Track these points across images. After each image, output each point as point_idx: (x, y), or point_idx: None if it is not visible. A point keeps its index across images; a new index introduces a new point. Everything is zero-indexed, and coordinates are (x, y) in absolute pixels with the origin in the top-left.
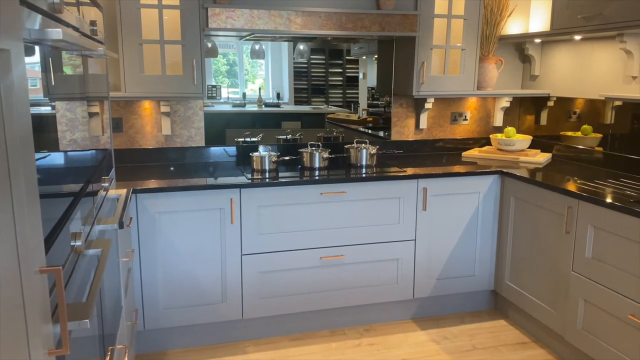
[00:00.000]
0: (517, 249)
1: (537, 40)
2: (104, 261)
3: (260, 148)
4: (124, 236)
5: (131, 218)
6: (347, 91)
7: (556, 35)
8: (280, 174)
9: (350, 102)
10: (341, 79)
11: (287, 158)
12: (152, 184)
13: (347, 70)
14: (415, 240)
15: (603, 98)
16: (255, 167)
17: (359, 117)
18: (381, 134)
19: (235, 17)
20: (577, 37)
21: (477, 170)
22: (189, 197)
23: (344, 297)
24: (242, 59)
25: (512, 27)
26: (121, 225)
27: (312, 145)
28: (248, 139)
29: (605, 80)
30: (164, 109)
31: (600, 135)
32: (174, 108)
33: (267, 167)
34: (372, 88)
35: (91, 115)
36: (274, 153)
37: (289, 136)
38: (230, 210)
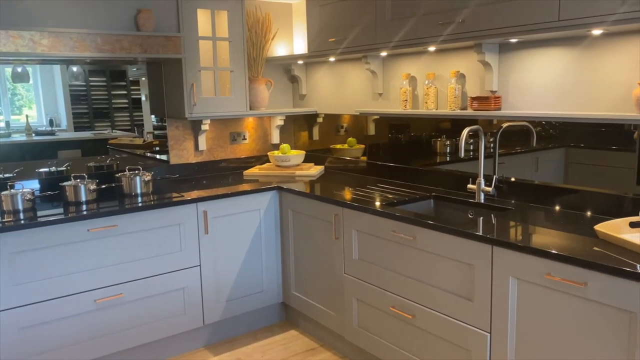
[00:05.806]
0: (299, 259)
1: (300, 62)
2: None
3: (16, 185)
4: None
5: None
6: (135, 114)
7: (313, 57)
8: (39, 213)
9: (138, 125)
10: (126, 101)
11: (47, 194)
12: None
13: (132, 92)
14: (200, 265)
15: (358, 113)
16: (5, 209)
17: (144, 141)
18: None
19: None
20: (332, 59)
21: (257, 188)
22: None
23: (129, 338)
24: (4, 83)
25: (279, 49)
26: None
27: (76, 177)
28: (1, 176)
29: (359, 97)
30: None
31: (363, 146)
32: None
33: (20, 207)
34: None
35: None
36: (28, 189)
37: (53, 168)
38: None
